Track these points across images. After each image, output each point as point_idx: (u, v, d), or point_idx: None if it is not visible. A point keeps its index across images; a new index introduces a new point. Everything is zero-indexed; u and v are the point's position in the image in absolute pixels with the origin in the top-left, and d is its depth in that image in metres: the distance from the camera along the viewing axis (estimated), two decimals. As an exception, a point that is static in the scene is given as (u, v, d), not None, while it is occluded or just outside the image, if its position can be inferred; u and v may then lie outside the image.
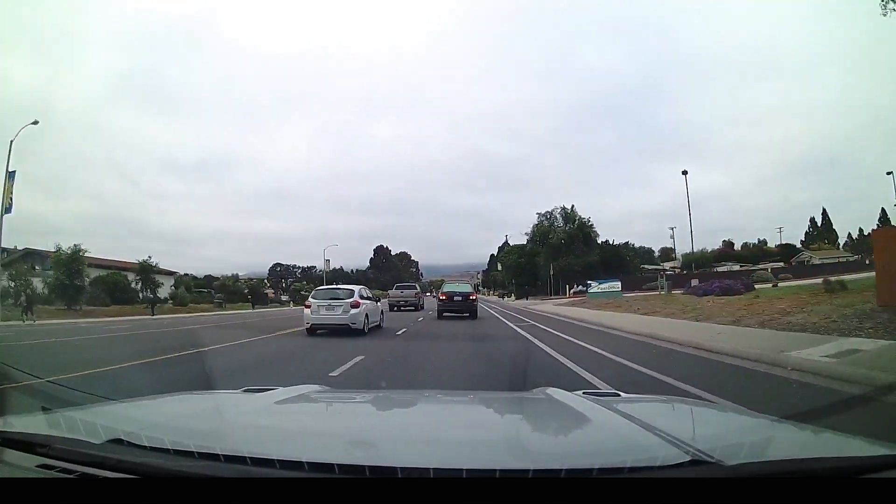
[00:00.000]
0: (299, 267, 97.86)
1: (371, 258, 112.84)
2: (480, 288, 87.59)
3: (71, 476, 1.11)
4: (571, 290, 43.23)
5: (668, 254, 73.33)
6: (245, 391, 2.15)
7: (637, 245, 75.97)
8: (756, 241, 73.12)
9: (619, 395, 2.17)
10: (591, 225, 55.79)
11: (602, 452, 1.33)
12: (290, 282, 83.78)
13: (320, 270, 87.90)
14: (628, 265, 59.23)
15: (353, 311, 12.63)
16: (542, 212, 57.91)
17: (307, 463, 1.03)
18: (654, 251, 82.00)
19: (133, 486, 1.06)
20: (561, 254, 51.85)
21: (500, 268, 71.38)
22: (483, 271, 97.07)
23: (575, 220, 55.86)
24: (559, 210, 57.40)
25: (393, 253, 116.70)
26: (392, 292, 30.88)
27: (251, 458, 1.06)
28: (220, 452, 1.10)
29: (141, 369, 7.67)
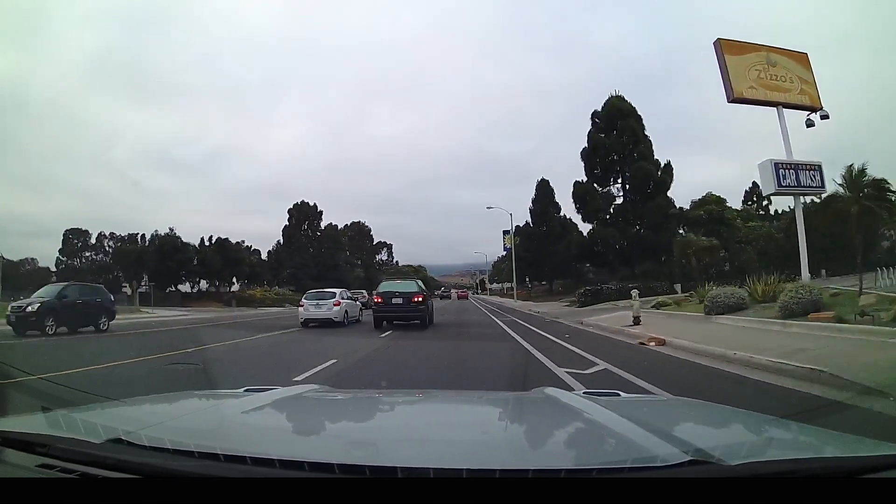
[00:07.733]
0: (120, 236, 53.90)
1: (284, 227, 59.72)
2: (491, 284, 77.51)
3: (71, 476, 1.11)
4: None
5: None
6: (245, 391, 2.16)
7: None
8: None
9: (618, 395, 2.16)
10: None
11: (602, 452, 1.33)
12: (85, 257, 49.50)
13: (154, 235, 48.81)
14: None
15: (335, 308, 17.07)
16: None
17: (307, 463, 1.03)
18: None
19: (133, 486, 1.06)
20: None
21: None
22: (506, 246, 51.40)
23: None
24: None
25: (336, 223, 64.74)
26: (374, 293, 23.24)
27: (251, 458, 1.06)
28: (220, 452, 1.10)
29: None
